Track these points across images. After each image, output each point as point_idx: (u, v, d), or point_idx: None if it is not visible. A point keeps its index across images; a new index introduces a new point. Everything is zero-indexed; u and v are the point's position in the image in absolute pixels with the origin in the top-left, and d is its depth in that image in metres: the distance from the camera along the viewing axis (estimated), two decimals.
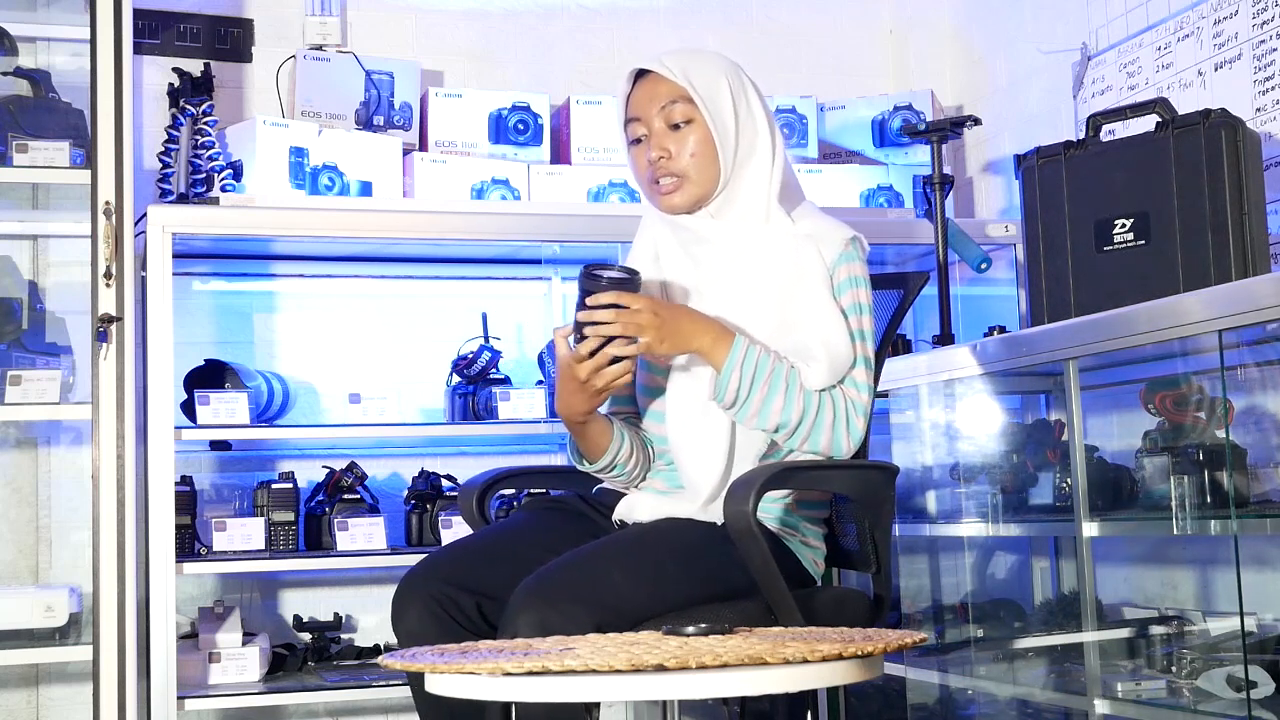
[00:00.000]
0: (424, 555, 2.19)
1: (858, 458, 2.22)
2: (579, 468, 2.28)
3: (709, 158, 2.17)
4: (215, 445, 3.52)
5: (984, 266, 3.49)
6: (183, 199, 3.38)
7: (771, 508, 2.17)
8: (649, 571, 1.99)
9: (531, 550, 2.12)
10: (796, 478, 2.10)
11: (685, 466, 2.18)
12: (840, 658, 1.57)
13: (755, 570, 1.96)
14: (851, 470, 2.15)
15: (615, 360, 2.05)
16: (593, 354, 2.04)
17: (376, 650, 3.60)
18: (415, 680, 2.12)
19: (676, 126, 2.17)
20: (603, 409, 2.22)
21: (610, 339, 2.03)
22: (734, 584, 2.02)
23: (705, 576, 2.03)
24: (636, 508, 2.19)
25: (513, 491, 3.39)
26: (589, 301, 2.02)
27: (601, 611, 1.90)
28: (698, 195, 2.19)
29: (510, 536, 2.23)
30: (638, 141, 2.22)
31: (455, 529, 3.45)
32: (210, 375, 3.42)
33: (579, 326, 2.05)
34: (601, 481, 2.32)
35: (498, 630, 1.94)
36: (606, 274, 2.04)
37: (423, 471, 3.63)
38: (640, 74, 2.21)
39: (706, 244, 2.20)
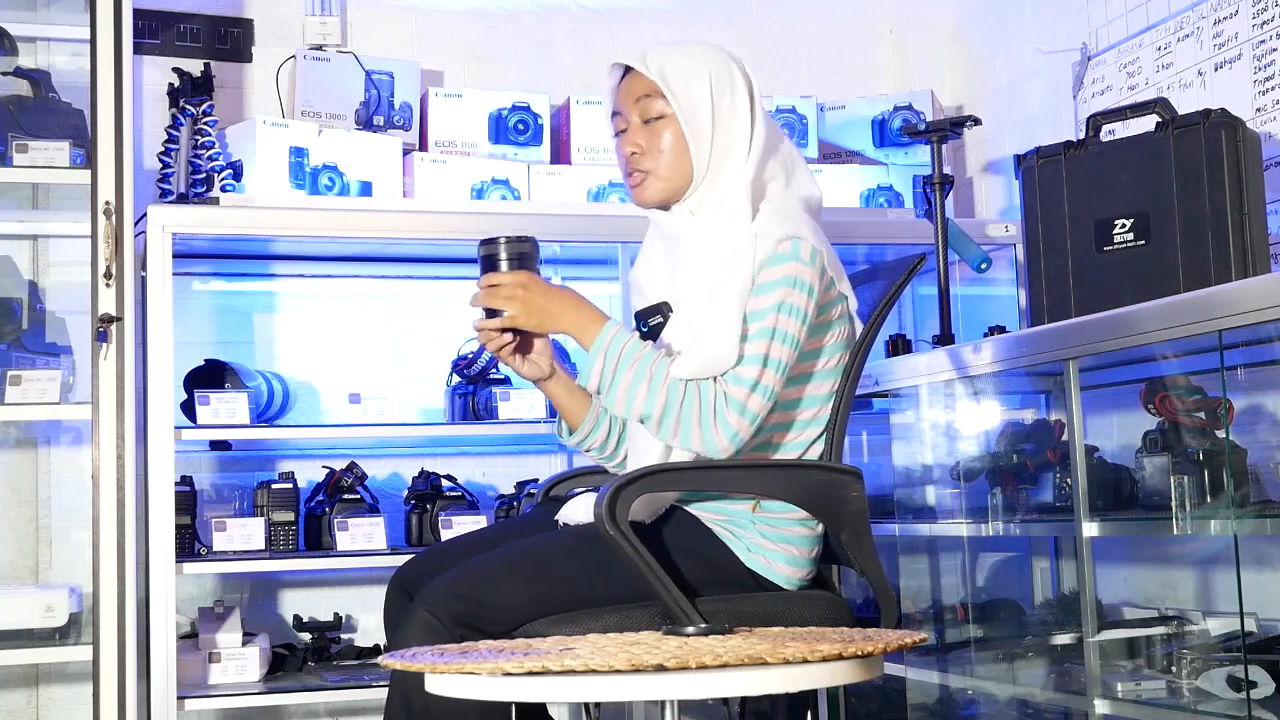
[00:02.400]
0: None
1: (823, 459, 2.16)
2: (560, 439, 2.35)
3: (681, 154, 2.18)
4: (215, 445, 3.51)
5: (984, 266, 3.49)
6: (183, 199, 3.38)
7: (722, 507, 2.13)
8: (533, 573, 2.02)
9: (500, 543, 2.15)
10: (679, 477, 2.03)
11: (629, 464, 2.22)
12: (840, 658, 1.58)
13: (635, 573, 1.92)
14: (771, 471, 2.08)
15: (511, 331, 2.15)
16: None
17: (376, 650, 3.60)
18: (395, 681, 2.13)
19: (650, 122, 2.19)
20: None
21: (492, 313, 2.14)
22: (637, 587, 1.97)
23: (599, 579, 2.01)
24: (578, 510, 2.18)
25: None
26: (480, 282, 2.15)
27: (479, 607, 1.96)
28: (668, 192, 2.20)
29: (487, 534, 2.31)
30: (619, 135, 2.24)
31: (455, 529, 3.45)
32: (210, 375, 3.42)
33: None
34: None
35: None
36: (494, 238, 2.15)
37: (423, 471, 3.63)
38: (626, 68, 2.23)
39: (679, 241, 2.21)
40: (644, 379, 2.04)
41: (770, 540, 2.12)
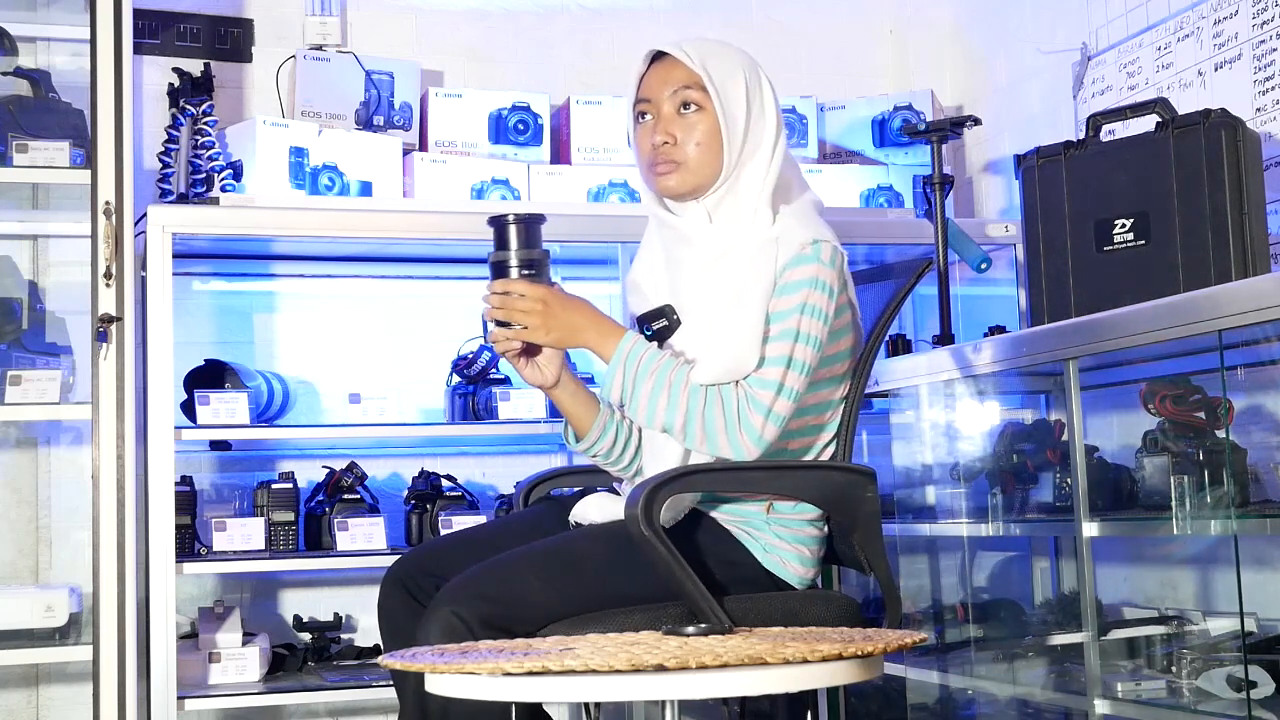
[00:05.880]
0: None
1: (834, 459, 2.18)
2: (567, 444, 2.32)
3: (713, 149, 2.14)
4: (215, 445, 3.51)
5: (984, 266, 3.49)
6: (183, 199, 3.38)
7: (738, 509, 2.14)
8: (560, 572, 2.00)
9: (499, 540, 2.16)
10: (708, 479, 2.04)
11: (646, 468, 2.20)
12: (840, 658, 1.57)
13: (665, 573, 1.93)
14: (795, 472, 2.10)
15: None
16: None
17: (376, 650, 3.59)
18: (399, 676, 2.14)
19: (685, 113, 2.14)
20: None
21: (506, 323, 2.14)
22: (663, 587, 1.97)
23: (626, 579, 2.01)
24: (591, 509, 2.18)
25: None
26: (491, 286, 2.16)
27: (507, 608, 1.93)
28: (695, 184, 2.15)
29: (484, 530, 2.31)
30: (643, 118, 2.19)
31: (455, 529, 3.45)
32: (210, 375, 3.42)
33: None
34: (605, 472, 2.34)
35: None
36: (505, 216, 2.17)
37: (423, 471, 3.63)
38: (657, 56, 2.19)
39: (688, 244, 2.18)
40: (664, 388, 2.03)
41: (784, 541, 2.14)
